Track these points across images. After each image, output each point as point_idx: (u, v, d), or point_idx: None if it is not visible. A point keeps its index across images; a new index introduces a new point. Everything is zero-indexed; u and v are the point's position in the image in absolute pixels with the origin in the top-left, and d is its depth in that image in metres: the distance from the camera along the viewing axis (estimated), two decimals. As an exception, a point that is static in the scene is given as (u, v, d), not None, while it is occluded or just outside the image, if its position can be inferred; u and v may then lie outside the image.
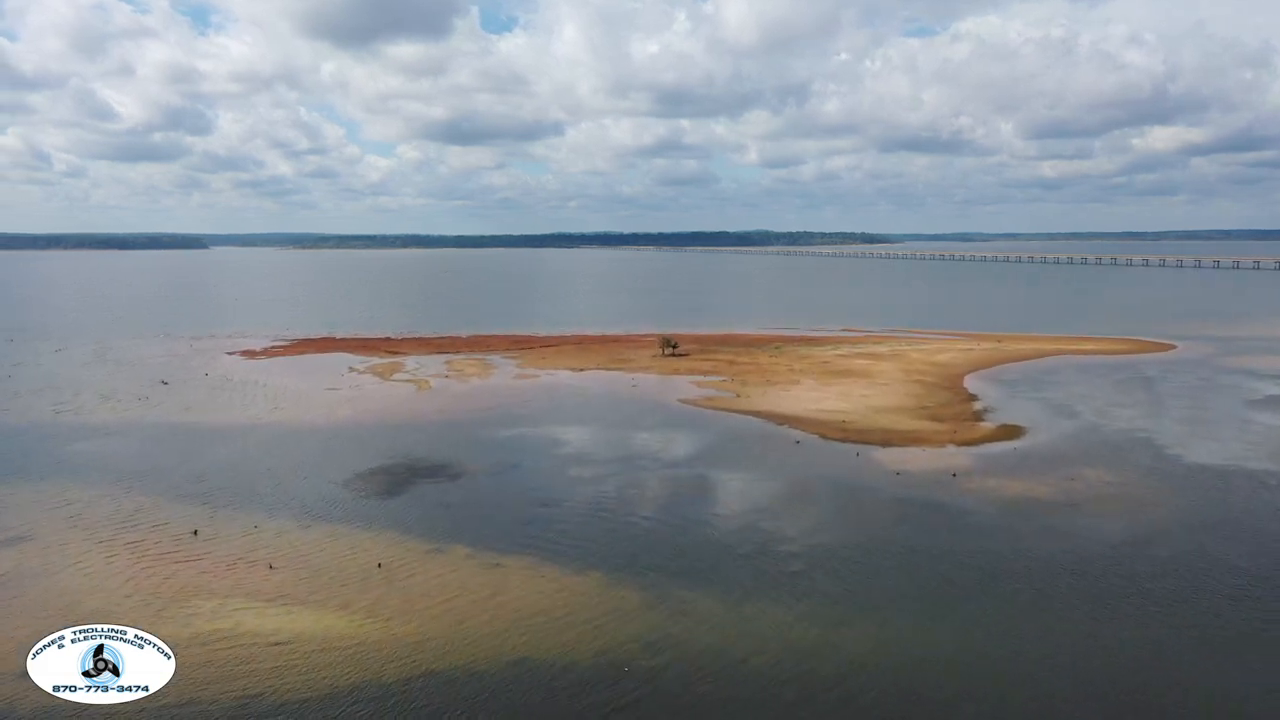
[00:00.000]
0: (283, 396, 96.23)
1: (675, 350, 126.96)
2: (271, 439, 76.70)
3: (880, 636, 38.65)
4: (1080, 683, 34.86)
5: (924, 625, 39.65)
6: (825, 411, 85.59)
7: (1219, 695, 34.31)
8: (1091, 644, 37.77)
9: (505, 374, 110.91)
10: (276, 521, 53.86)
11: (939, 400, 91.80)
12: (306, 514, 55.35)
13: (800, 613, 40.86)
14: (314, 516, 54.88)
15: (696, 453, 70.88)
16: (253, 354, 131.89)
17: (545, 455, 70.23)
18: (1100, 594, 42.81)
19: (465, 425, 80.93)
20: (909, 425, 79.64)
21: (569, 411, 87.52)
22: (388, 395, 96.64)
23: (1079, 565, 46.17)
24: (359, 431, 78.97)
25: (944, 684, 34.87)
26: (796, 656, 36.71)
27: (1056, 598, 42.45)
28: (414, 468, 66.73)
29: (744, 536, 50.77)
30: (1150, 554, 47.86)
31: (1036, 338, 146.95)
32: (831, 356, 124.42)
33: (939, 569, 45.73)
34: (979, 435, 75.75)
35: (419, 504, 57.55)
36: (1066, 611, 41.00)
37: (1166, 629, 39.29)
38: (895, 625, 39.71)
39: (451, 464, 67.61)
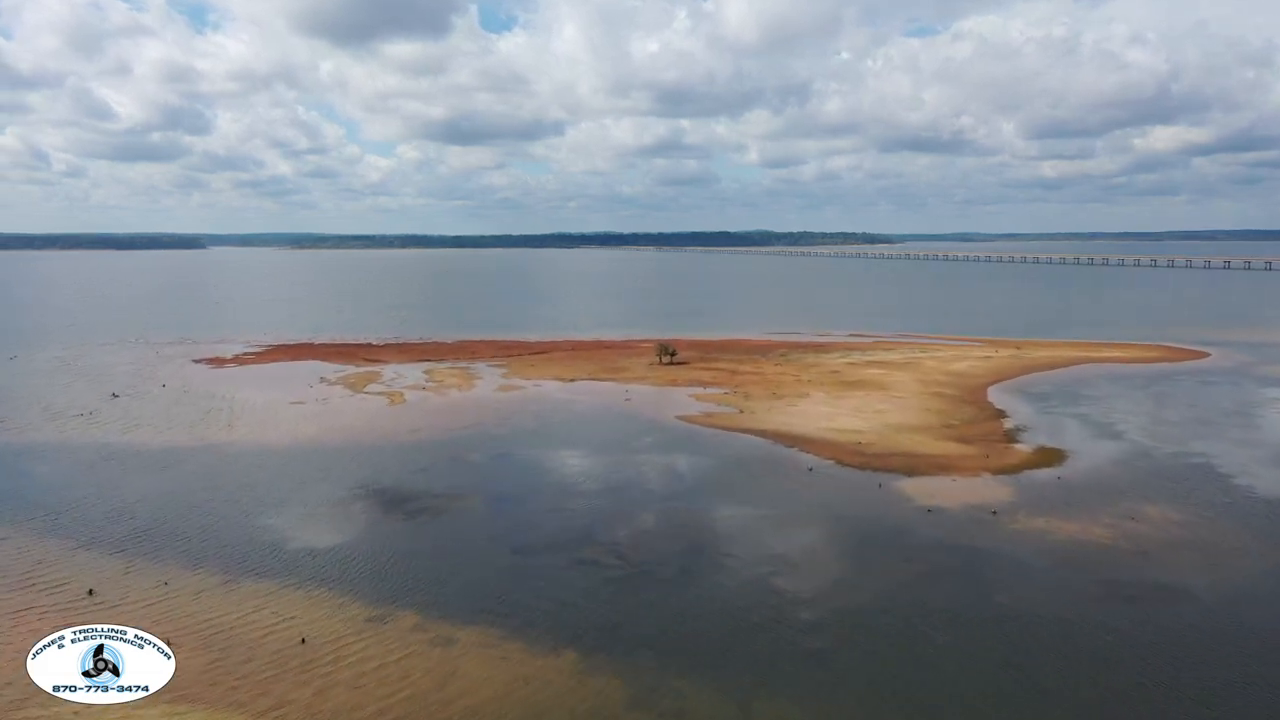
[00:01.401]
0: (241, 412, 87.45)
1: (673, 358, 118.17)
2: (216, 465, 67.95)
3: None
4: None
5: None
6: (839, 431, 76.86)
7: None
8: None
9: (488, 385, 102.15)
10: (195, 576, 45.12)
11: (963, 417, 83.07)
12: (233, 565, 46.60)
13: (829, 714, 32.14)
14: (241, 569, 46.15)
15: (696, 484, 62.13)
16: (221, 362, 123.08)
17: (521, 487, 61.45)
18: (1207, 687, 34.07)
19: (436, 448, 72.16)
20: (934, 448, 70.93)
21: (553, 431, 78.74)
22: (356, 410, 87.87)
23: (1171, 643, 37.45)
24: (316, 456, 70.18)
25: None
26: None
27: (1157, 690, 33.70)
28: (369, 503, 58.00)
29: (754, 599, 42.01)
30: (1254, 624, 39.13)
31: (1058, 344, 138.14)
32: (841, 365, 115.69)
33: (1000, 651, 36.92)
34: (1015, 461, 66.98)
35: (368, 552, 48.76)
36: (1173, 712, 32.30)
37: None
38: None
39: (413, 498, 58.84)
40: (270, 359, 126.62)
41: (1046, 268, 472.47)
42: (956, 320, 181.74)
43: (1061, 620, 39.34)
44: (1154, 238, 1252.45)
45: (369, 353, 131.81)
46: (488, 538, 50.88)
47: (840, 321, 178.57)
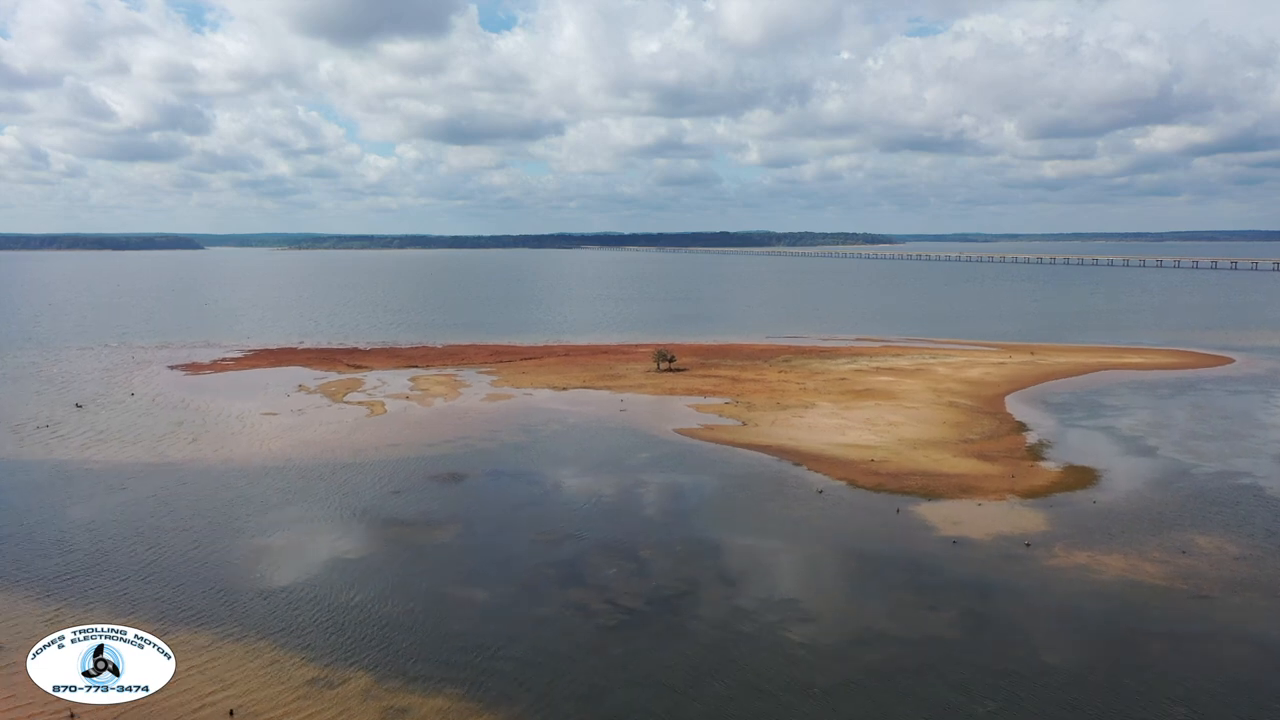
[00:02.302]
0: (209, 424, 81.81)
1: (671, 365, 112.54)
2: (173, 486, 62.31)
3: None
4: None
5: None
6: (849, 446, 71.24)
7: None
8: None
9: (476, 394, 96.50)
10: (123, 625, 39.34)
11: (982, 430, 77.44)
12: (169, 613, 40.94)
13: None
14: (178, 617, 40.48)
15: (695, 510, 56.48)
16: (197, 368, 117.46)
17: (503, 515, 55.75)
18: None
19: (413, 466, 66.52)
20: (954, 466, 65.29)
21: (541, 447, 73.08)
22: (333, 422, 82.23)
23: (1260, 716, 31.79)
24: (282, 475, 64.53)
25: None
26: None
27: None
28: (333, 534, 52.34)
29: (763, 658, 36.27)
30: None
31: (1074, 349, 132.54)
32: (848, 372, 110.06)
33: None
34: (1043, 482, 61.31)
35: (324, 596, 43.06)
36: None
37: None
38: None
39: (382, 528, 53.22)
40: (250, 365, 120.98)
41: (1051, 268, 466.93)
42: (965, 323, 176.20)
43: (1125, 688, 33.63)
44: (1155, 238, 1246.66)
45: (354, 358, 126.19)
46: (461, 577, 45.21)
47: (845, 325, 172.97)
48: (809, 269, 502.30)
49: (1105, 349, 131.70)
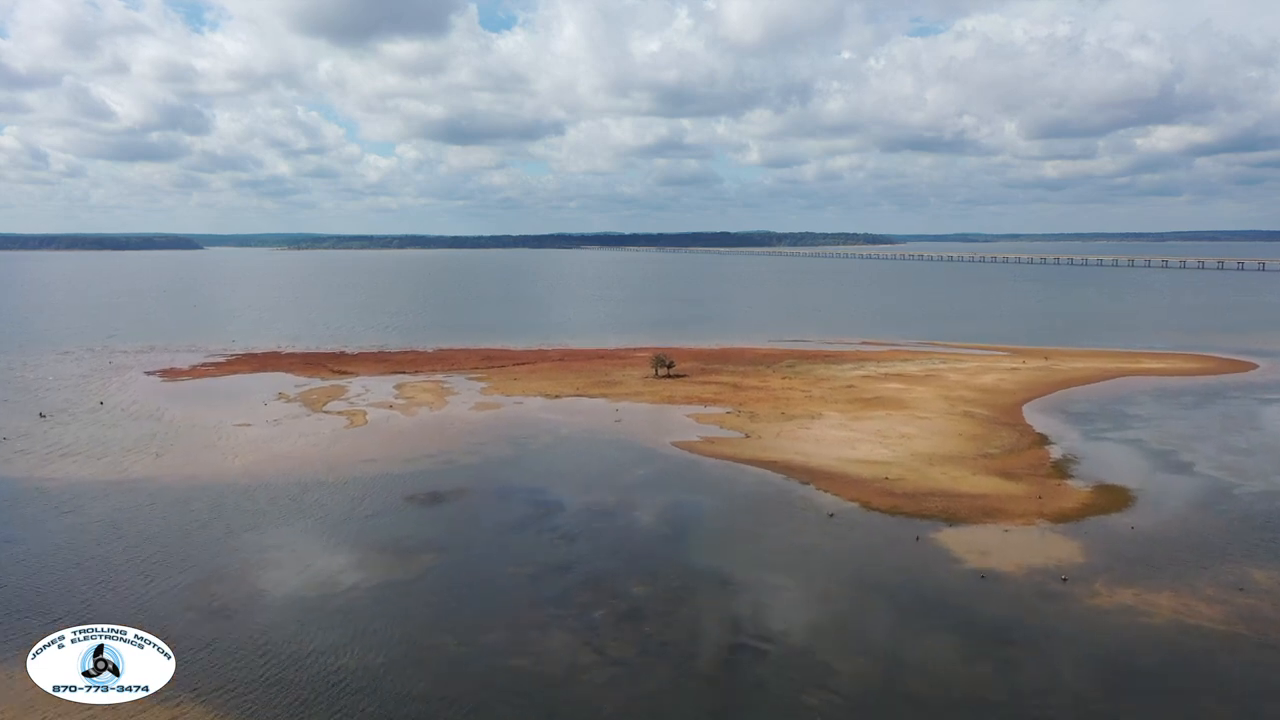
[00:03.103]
0: (177, 437, 76.85)
1: (670, 370, 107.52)
2: (128, 508, 57.35)
3: None
4: None
5: None
6: (861, 461, 66.28)
7: None
8: None
9: (463, 402, 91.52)
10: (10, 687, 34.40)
11: (1002, 443, 72.47)
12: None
13: None
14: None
15: (694, 537, 51.54)
16: (175, 374, 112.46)
17: (483, 545, 50.78)
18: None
19: (389, 486, 61.57)
20: (975, 484, 60.32)
21: (530, 463, 68.10)
22: (309, 434, 77.28)
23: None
24: (247, 496, 59.55)
25: None
26: None
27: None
28: (291, 569, 47.36)
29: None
30: None
31: (1089, 353, 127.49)
32: (855, 378, 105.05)
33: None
34: (1074, 504, 56.31)
35: (272, 646, 38.03)
36: None
37: None
38: None
39: (346, 560, 48.25)
40: (231, 370, 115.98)
41: (1054, 268, 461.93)
42: (973, 326, 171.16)
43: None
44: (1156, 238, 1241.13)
45: (340, 363, 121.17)
46: (431, 621, 40.24)
47: (849, 327, 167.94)
48: (810, 269, 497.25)
49: (1121, 353, 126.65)
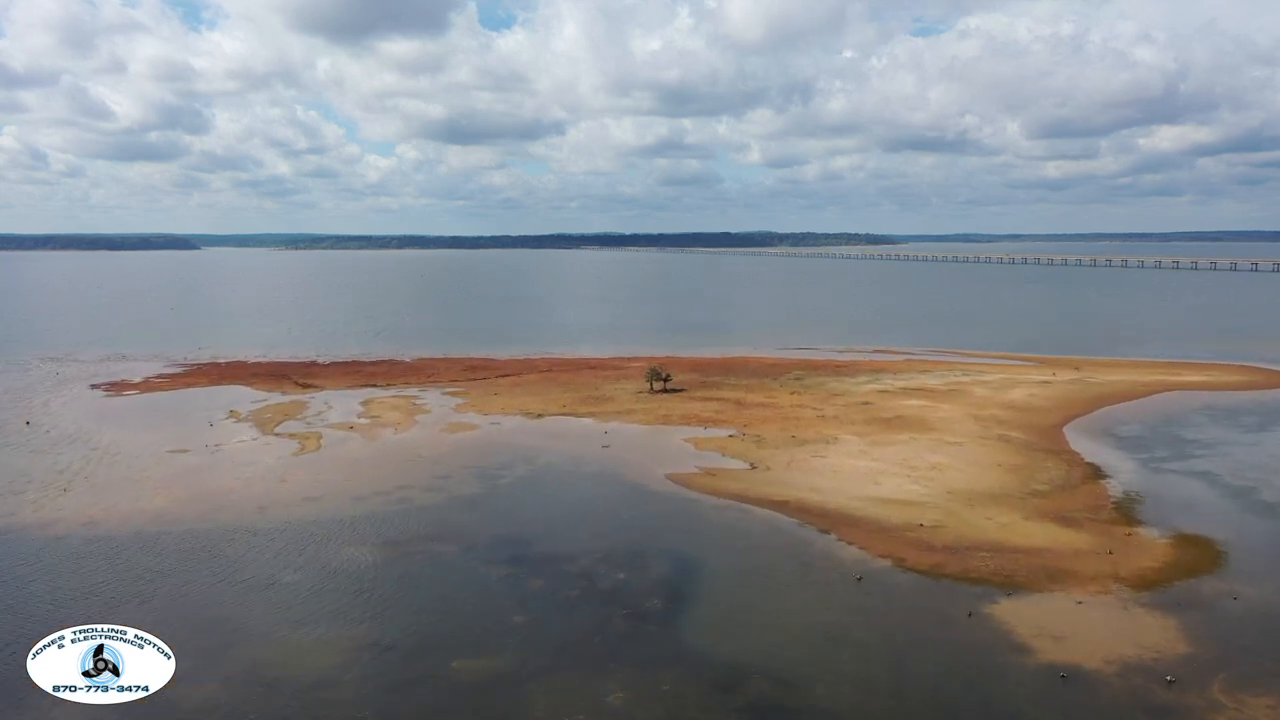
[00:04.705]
0: (95, 468, 66.77)
1: (666, 384, 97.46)
2: (6, 561, 47.34)
3: None
4: None
5: None
6: (888, 502, 56.24)
7: None
8: None
9: (434, 422, 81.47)
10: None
11: (1050, 476, 62.43)
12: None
13: None
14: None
15: (688, 609, 41.45)
16: (122, 388, 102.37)
17: (423, 622, 40.73)
18: None
19: (326, 532, 51.53)
20: (1028, 534, 50.28)
21: (497, 504, 58.02)
22: (249, 463, 67.27)
23: None
24: (153, 547, 49.50)
25: None
26: None
27: None
28: (186, 655, 37.13)
29: None
30: None
31: (1121, 363, 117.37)
32: (871, 393, 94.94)
33: None
34: (1154, 562, 46.26)
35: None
36: None
37: None
38: None
39: (251, 646, 38.15)
40: (186, 383, 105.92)
41: (1061, 269, 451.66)
42: (990, 332, 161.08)
43: None
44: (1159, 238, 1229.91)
45: (308, 375, 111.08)
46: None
47: (859, 334, 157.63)
48: (812, 270, 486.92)
49: (1157, 364, 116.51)
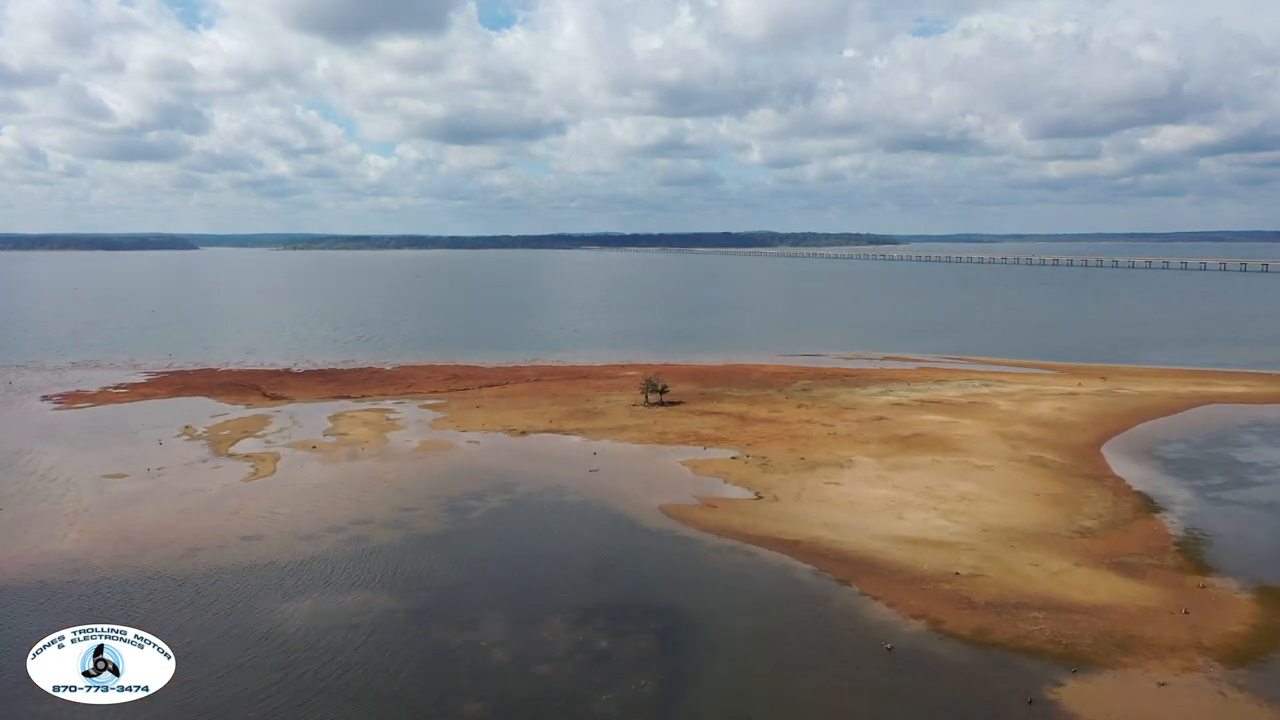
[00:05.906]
0: (15, 495, 59.21)
1: (663, 396, 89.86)
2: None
3: None
4: None
5: None
6: (915, 542, 48.68)
7: None
8: None
9: (405, 441, 73.91)
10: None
11: (1096, 508, 54.86)
12: None
13: None
14: None
15: (684, 691, 33.83)
16: (76, 399, 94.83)
17: (362, 709, 33.13)
18: None
19: (262, 580, 43.98)
20: (1084, 585, 42.74)
21: (464, 544, 50.37)
22: (192, 490, 59.72)
23: None
24: (49, 600, 41.98)
25: None
26: None
27: None
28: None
29: None
30: None
31: (1151, 372, 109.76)
32: (884, 406, 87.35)
33: None
34: (1240, 624, 38.72)
35: None
36: None
37: None
38: None
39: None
40: (145, 394, 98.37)
41: (1066, 270, 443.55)
42: (1003, 337, 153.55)
43: None
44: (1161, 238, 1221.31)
45: (278, 385, 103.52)
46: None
47: (867, 339, 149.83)
48: (814, 271, 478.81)
49: (1189, 373, 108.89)
